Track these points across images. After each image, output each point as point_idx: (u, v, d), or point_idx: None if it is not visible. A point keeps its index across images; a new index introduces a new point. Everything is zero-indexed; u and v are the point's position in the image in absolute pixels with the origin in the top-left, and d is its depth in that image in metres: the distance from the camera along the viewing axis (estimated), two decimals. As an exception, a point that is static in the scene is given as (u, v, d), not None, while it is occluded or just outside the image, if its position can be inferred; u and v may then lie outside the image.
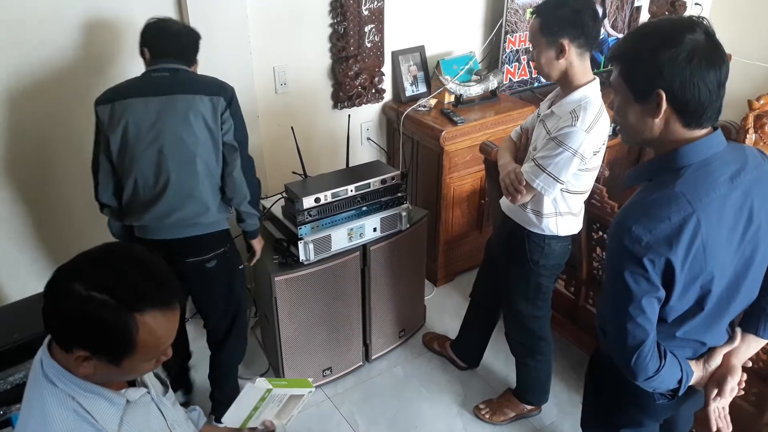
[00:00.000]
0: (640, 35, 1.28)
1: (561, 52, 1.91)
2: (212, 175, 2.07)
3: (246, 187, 2.12)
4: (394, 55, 3.15)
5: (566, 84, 1.99)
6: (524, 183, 1.98)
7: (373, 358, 2.82)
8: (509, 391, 2.60)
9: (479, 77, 3.21)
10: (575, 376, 2.75)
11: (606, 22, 3.63)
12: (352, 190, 2.41)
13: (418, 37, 3.20)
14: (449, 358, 2.83)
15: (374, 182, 2.45)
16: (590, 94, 1.96)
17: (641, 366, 1.34)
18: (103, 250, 1.07)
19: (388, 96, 3.26)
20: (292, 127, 2.51)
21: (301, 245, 2.33)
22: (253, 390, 1.47)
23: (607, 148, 3.57)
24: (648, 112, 1.26)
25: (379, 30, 3.01)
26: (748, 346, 1.48)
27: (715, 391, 1.43)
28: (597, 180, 2.30)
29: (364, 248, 2.52)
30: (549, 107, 2.06)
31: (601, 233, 2.34)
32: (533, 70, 3.45)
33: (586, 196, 2.12)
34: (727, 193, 1.27)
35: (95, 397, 1.10)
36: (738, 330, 1.49)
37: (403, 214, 2.56)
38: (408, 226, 2.61)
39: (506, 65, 3.33)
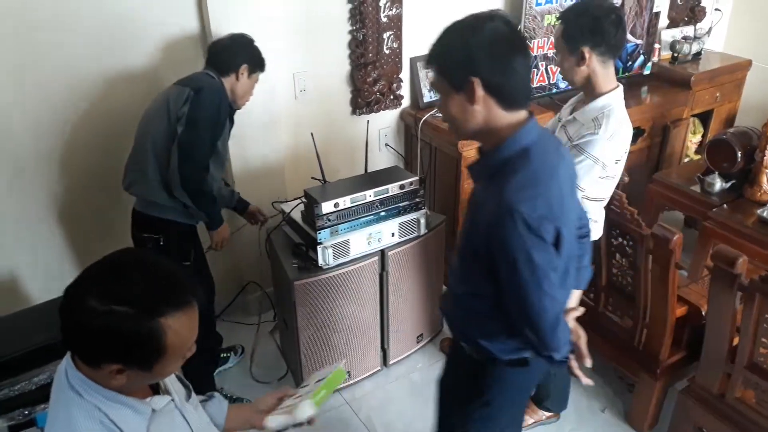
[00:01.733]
0: (447, 32, 1.37)
1: (582, 59, 1.92)
2: (158, 157, 2.19)
3: (177, 175, 2.16)
4: (413, 61, 3.17)
5: (589, 90, 1.99)
6: None
7: (390, 363, 2.82)
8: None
9: (497, 83, 3.21)
10: (594, 385, 2.72)
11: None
12: (370, 195, 2.42)
13: (436, 43, 3.21)
14: None
15: (392, 187, 2.46)
16: (613, 101, 1.95)
17: (562, 335, 1.43)
18: (110, 261, 1.06)
19: (406, 102, 3.28)
20: (311, 133, 2.53)
21: (320, 250, 2.35)
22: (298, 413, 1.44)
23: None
24: (468, 100, 1.33)
25: (398, 36, 3.03)
26: (574, 301, 1.69)
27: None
28: (616, 186, 2.30)
29: (382, 253, 2.53)
30: (571, 113, 2.05)
31: (620, 239, 2.33)
32: (552, 76, 3.45)
33: (605, 203, 2.12)
34: (559, 164, 1.41)
35: (121, 407, 1.10)
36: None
37: (422, 219, 2.57)
38: (426, 231, 2.61)
39: (525, 71, 3.32)
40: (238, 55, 2.28)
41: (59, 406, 1.08)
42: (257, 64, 2.36)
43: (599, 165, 1.90)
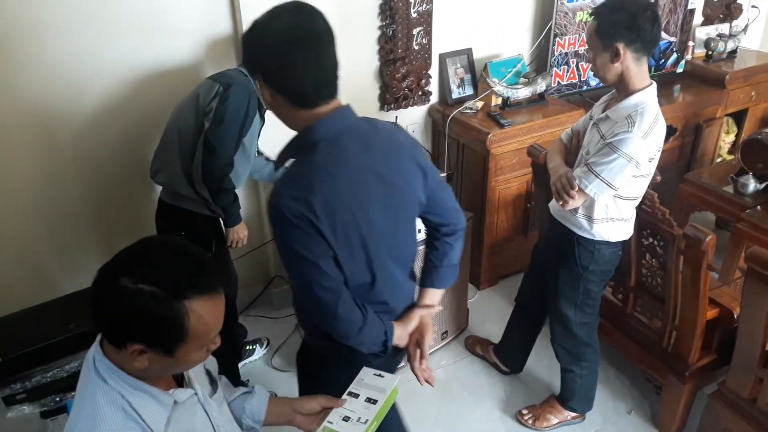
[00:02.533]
0: (242, 40, 1.38)
1: (616, 56, 1.89)
2: (184, 148, 2.21)
3: (200, 168, 2.18)
4: (442, 57, 3.16)
5: (622, 88, 1.96)
6: (576, 188, 1.96)
7: (415, 359, 2.82)
8: (553, 398, 2.57)
9: (527, 80, 3.19)
10: (620, 385, 2.70)
11: (658, 25, 3.55)
12: (398, 192, 2.41)
13: (465, 39, 3.20)
14: (492, 362, 2.81)
15: (420, 184, 2.45)
16: (647, 99, 1.93)
17: (347, 322, 1.44)
18: (143, 245, 1.08)
19: (434, 98, 3.26)
20: (340, 128, 2.53)
21: (346, 245, 2.35)
22: None
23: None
24: (263, 97, 1.37)
25: (427, 32, 3.02)
26: (432, 299, 1.68)
27: (418, 351, 1.61)
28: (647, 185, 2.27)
29: (408, 249, 2.52)
30: (603, 111, 2.03)
31: (651, 240, 2.30)
32: (582, 73, 3.41)
33: (638, 202, 2.09)
34: (364, 161, 1.38)
35: (144, 396, 1.11)
36: (419, 288, 1.68)
37: (449, 216, 2.55)
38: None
39: (555, 68, 3.29)
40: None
41: (85, 390, 1.10)
42: None
43: (633, 163, 1.88)
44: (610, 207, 2.03)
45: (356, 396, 1.49)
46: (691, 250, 2.11)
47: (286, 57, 1.29)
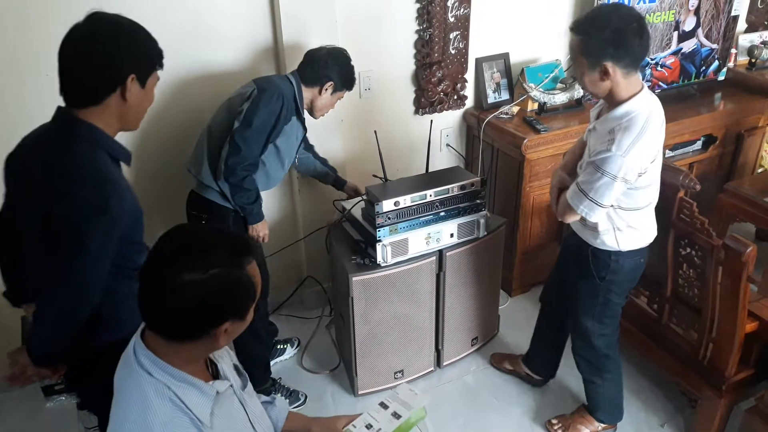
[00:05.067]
0: None
1: (605, 74, 1.83)
2: (212, 143, 2.29)
3: (224, 164, 2.23)
4: (478, 61, 3.15)
5: (611, 99, 1.91)
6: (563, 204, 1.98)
7: (444, 364, 2.81)
8: (583, 408, 2.53)
9: (564, 85, 3.16)
10: (653, 397, 2.65)
11: (700, 31, 3.49)
12: (431, 195, 2.41)
13: (502, 44, 3.19)
14: (524, 374, 2.75)
15: (453, 188, 2.45)
16: (636, 108, 1.86)
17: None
18: (173, 240, 1.13)
19: (469, 103, 3.26)
20: (375, 131, 2.54)
21: (379, 247, 2.36)
22: None
23: (695, 163, 3.46)
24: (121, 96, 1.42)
25: (464, 37, 3.02)
26: None
27: None
28: (686, 194, 2.22)
29: (440, 253, 2.52)
30: (596, 117, 2.01)
31: (689, 250, 2.25)
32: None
33: (649, 210, 2.04)
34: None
35: (189, 387, 1.14)
36: None
37: (481, 221, 2.55)
38: (485, 233, 2.59)
39: (592, 74, 3.25)
40: (327, 69, 2.31)
41: (130, 383, 1.13)
42: (345, 83, 2.38)
43: (619, 181, 1.83)
44: (613, 217, 1.99)
45: (386, 408, 1.53)
46: (731, 261, 2.06)
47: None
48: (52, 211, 1.38)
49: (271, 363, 2.78)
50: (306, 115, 2.42)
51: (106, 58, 1.38)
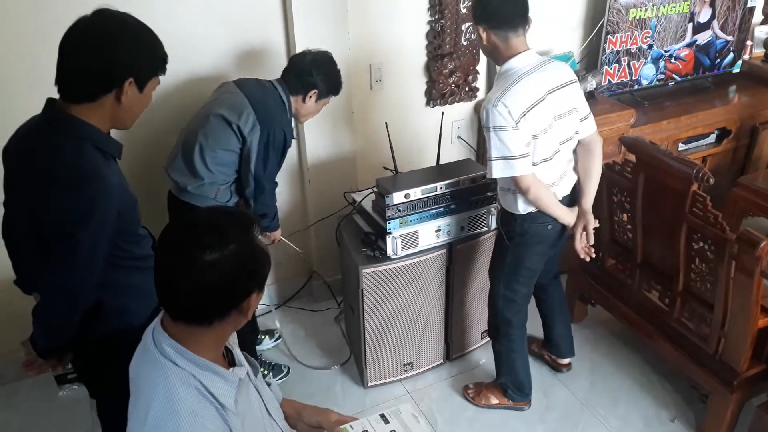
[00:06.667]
0: None
1: (480, 38, 2.05)
2: (189, 149, 2.26)
3: (254, 203, 2.33)
4: (490, 53, 3.13)
5: (497, 62, 2.09)
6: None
7: (454, 356, 2.81)
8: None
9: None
10: (663, 392, 2.64)
11: (715, 23, 3.45)
12: (441, 188, 2.41)
13: (514, 35, 3.16)
14: (548, 359, 2.81)
15: (464, 180, 2.44)
16: (512, 64, 2.02)
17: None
18: (181, 228, 1.15)
19: (481, 95, 3.24)
20: (386, 123, 2.54)
21: (389, 239, 2.36)
22: None
23: (709, 156, 3.43)
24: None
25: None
26: None
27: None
28: (699, 188, 2.20)
29: (450, 246, 2.51)
30: None
31: (701, 243, 2.24)
32: (634, 72, 3.34)
33: (549, 164, 2.10)
34: None
35: (212, 375, 1.14)
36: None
37: (492, 214, 2.54)
38: (496, 226, 2.58)
39: (606, 66, 3.23)
40: (312, 77, 2.29)
41: (154, 375, 1.12)
42: (330, 90, 2.37)
43: (494, 131, 1.97)
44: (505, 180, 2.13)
45: (386, 422, 1.53)
46: (745, 255, 2.04)
47: None
48: (39, 214, 1.38)
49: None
50: None
51: (105, 58, 1.35)
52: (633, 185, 2.46)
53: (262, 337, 2.92)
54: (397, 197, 2.32)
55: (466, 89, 3.14)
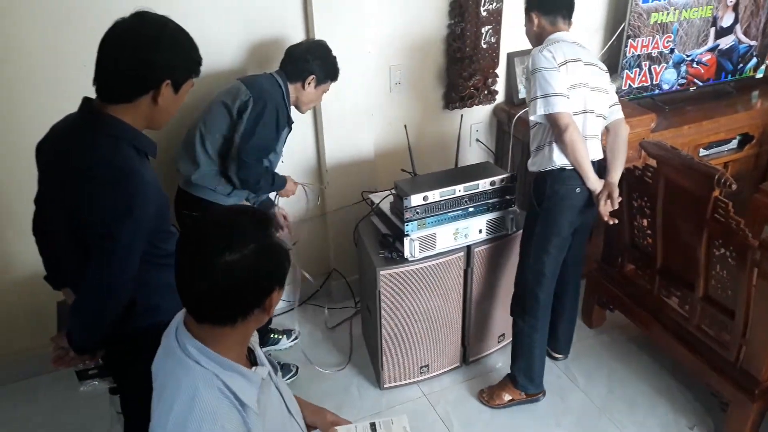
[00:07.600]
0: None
1: (530, 22, 2.33)
2: (195, 141, 2.30)
3: (237, 179, 2.31)
4: (510, 56, 3.13)
5: (542, 41, 2.28)
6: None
7: (470, 360, 2.81)
8: (507, 377, 2.61)
9: (597, 82, 3.12)
10: (682, 398, 2.61)
11: (738, 28, 3.42)
12: (460, 190, 2.41)
13: (535, 39, 3.15)
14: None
15: (483, 183, 2.44)
16: (560, 36, 2.25)
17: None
18: (199, 228, 1.14)
19: (500, 98, 3.23)
20: (405, 126, 2.54)
21: (406, 242, 2.36)
22: None
23: (731, 162, 3.40)
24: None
25: (497, 31, 2.99)
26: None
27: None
28: (721, 194, 2.18)
29: (468, 249, 2.51)
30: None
31: (723, 250, 2.21)
32: (655, 76, 3.31)
33: (584, 118, 2.22)
34: None
35: (235, 375, 1.14)
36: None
37: (511, 217, 2.54)
38: (515, 230, 2.57)
39: (626, 70, 3.21)
40: (308, 63, 2.33)
41: (178, 374, 1.12)
42: (328, 75, 2.40)
43: (543, 72, 2.14)
44: (546, 132, 2.24)
45: (374, 429, 1.54)
46: (767, 262, 2.02)
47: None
48: (76, 213, 1.40)
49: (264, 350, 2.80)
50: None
51: (144, 60, 1.37)
52: (653, 190, 2.45)
53: (280, 336, 2.94)
54: (416, 199, 2.33)
55: (486, 92, 3.13)
